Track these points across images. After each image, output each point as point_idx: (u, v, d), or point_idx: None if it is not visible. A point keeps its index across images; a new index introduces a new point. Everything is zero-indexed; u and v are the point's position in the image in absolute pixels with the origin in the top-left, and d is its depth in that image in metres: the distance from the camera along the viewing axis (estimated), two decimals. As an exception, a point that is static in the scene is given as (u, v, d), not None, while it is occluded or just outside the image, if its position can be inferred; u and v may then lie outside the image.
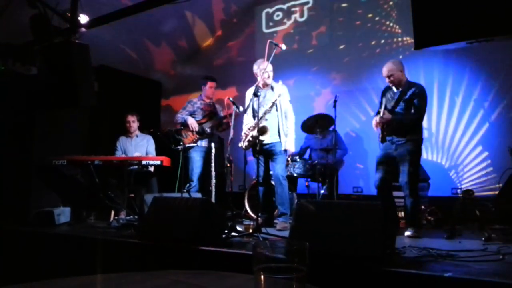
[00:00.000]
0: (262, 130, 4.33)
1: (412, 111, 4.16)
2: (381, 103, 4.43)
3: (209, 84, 5.65)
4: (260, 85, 4.62)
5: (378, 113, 4.38)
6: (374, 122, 4.30)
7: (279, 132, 4.70)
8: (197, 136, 5.40)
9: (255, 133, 4.36)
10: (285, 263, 0.78)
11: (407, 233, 3.96)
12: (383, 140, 4.23)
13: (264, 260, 0.79)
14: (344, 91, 6.71)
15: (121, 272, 1.21)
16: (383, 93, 4.50)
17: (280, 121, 4.70)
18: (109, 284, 1.10)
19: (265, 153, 4.74)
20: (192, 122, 5.45)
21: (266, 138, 4.48)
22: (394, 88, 4.32)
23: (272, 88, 4.77)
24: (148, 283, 1.12)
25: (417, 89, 4.19)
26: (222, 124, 5.55)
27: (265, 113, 4.56)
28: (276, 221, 4.70)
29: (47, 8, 4.02)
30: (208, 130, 5.47)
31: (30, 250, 4.32)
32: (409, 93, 4.17)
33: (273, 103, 4.59)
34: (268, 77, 4.72)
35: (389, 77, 4.24)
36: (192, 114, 5.58)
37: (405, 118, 4.15)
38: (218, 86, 5.86)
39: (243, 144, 4.66)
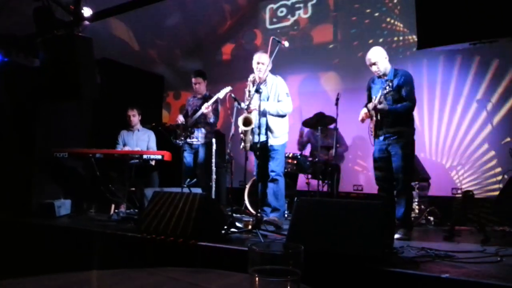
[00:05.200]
0: (247, 121, 4.12)
1: (404, 102, 3.93)
2: (369, 96, 4.24)
3: (192, 80, 5.60)
4: (256, 78, 4.45)
5: (366, 106, 4.23)
6: (363, 115, 4.16)
7: (270, 128, 4.43)
8: (184, 133, 5.35)
9: (242, 127, 4.14)
10: (280, 265, 0.79)
11: (396, 235, 3.66)
12: (376, 135, 4.09)
13: (259, 261, 0.79)
14: (347, 88, 6.69)
15: (119, 266, 1.22)
16: (369, 86, 4.28)
17: (270, 116, 4.41)
18: (105, 281, 1.11)
19: (261, 149, 4.49)
20: (178, 119, 5.50)
21: (249, 128, 4.17)
22: (379, 78, 4.12)
23: (265, 83, 4.50)
24: (145, 280, 1.12)
25: (403, 77, 3.95)
26: (206, 117, 5.35)
27: (249, 105, 4.27)
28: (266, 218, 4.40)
29: (51, 1, 4.02)
30: (190, 128, 5.37)
31: (30, 241, 4.35)
32: (395, 82, 3.93)
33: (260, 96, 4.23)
34: (259, 70, 4.42)
35: (374, 64, 4.03)
36: (187, 112, 5.61)
37: (399, 107, 3.93)
38: (210, 81, 5.77)
39: (245, 145, 4.31)
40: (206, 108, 5.16)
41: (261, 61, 4.43)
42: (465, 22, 2.55)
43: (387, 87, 3.83)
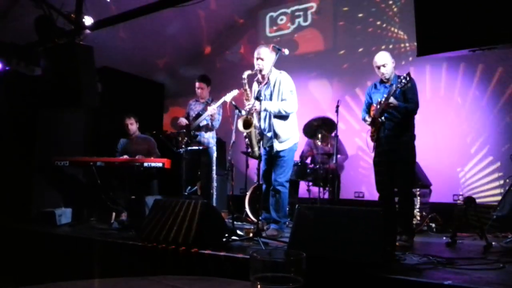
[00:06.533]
0: (246, 123, 4.00)
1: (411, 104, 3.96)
2: (370, 103, 4.22)
3: (196, 85, 5.54)
4: (259, 77, 4.33)
5: (367, 112, 4.23)
6: (369, 118, 4.13)
7: (275, 131, 4.21)
8: (185, 138, 5.32)
9: (242, 129, 4.02)
10: (282, 273, 0.79)
11: (398, 242, 3.66)
12: (377, 139, 4.05)
13: (261, 269, 0.79)
14: (347, 96, 6.71)
15: (120, 274, 1.21)
16: (369, 92, 4.26)
17: (275, 119, 4.21)
18: (106, 289, 1.11)
19: (267, 153, 4.37)
20: (180, 121, 5.41)
21: (250, 130, 4.04)
22: (381, 83, 4.15)
23: (268, 81, 4.28)
24: (146, 289, 1.12)
25: (408, 82, 3.91)
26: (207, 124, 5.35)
27: (253, 105, 4.08)
28: (267, 226, 4.27)
29: (52, 10, 4.04)
30: (193, 132, 5.31)
31: (31, 249, 4.34)
32: (400, 86, 3.90)
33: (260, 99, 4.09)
34: (258, 65, 4.22)
35: (383, 66, 4.04)
36: (188, 116, 5.55)
37: (408, 106, 3.92)
38: (213, 87, 5.75)
39: (253, 150, 4.12)
40: (212, 110, 5.13)
41: (261, 56, 4.21)
42: (465, 29, 2.56)
43: (397, 85, 3.84)
